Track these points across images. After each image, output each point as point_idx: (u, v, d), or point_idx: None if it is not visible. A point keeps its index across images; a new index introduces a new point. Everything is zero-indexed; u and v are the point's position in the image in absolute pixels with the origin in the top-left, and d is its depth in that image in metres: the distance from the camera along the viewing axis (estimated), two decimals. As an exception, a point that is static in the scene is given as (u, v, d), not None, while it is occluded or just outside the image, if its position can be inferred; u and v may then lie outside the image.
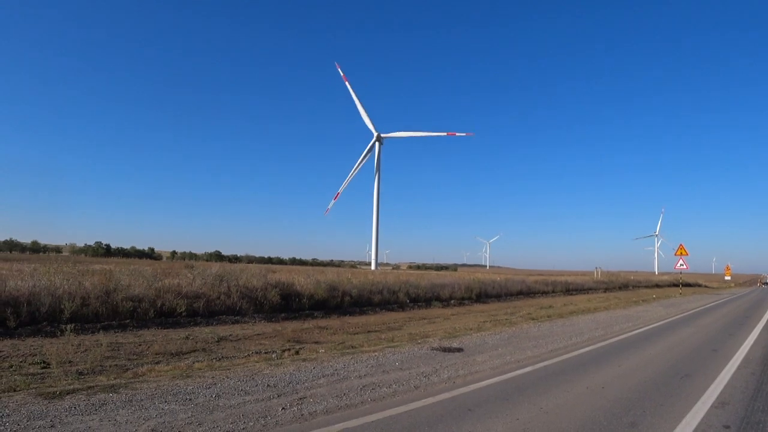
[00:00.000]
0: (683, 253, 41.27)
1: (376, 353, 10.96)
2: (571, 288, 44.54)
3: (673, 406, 7.17)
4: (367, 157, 76.20)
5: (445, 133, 76.20)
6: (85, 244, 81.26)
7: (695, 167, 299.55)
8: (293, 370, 8.90)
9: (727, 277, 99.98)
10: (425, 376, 8.77)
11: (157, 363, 9.31)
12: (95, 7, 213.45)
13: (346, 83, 76.62)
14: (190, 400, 6.81)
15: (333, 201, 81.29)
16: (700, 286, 79.68)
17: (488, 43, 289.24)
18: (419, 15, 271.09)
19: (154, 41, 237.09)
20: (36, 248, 78.10)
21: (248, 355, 10.46)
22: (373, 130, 75.16)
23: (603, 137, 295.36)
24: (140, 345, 11.11)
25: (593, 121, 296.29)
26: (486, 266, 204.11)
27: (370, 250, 79.48)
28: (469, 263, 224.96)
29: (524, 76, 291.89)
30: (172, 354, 10.34)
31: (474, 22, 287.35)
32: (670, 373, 9.58)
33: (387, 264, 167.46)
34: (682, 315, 23.84)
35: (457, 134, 76.95)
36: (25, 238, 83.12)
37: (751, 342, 14.34)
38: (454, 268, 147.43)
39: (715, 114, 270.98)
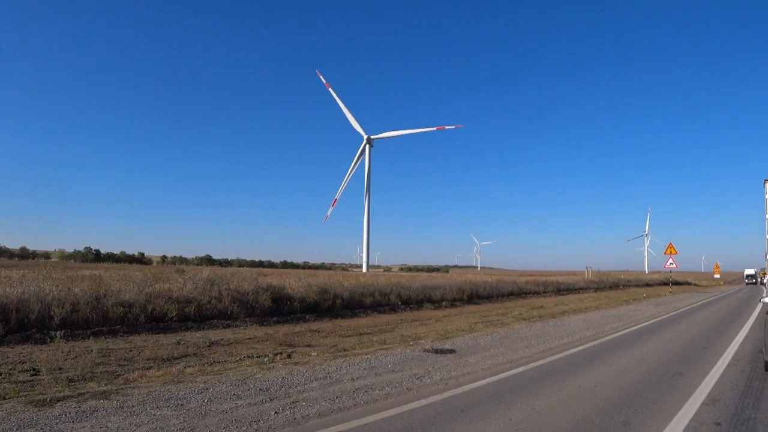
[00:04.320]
0: (673, 251, 41.54)
1: (368, 356, 10.95)
2: (562, 288, 44.74)
3: (665, 404, 7.22)
4: (359, 161, 76.15)
5: (434, 128, 75.85)
6: (75, 250, 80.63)
7: (684, 166, 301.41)
8: (285, 374, 8.87)
9: (717, 275, 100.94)
10: (418, 378, 8.78)
11: (149, 368, 9.25)
12: (81, 6, 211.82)
13: (330, 90, 76.27)
14: (182, 405, 6.77)
15: (331, 207, 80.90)
16: (689, 284, 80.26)
17: (477, 43, 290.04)
18: (411, 15, 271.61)
19: (142, 45, 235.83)
20: (25, 254, 77.16)
21: (240, 359, 10.41)
22: (363, 133, 75.07)
23: (592, 137, 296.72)
24: (131, 351, 11.04)
25: (582, 121, 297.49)
26: (477, 267, 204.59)
27: (362, 252, 79.49)
28: (460, 264, 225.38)
29: (514, 76, 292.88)
30: (164, 359, 10.29)
31: (463, 22, 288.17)
32: (662, 372, 9.65)
33: (378, 266, 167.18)
34: (672, 313, 24.00)
35: (447, 127, 76.65)
36: (14, 245, 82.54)
37: (741, 339, 14.46)
38: (446, 269, 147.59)
39: (702, 113, 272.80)
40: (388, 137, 75.90)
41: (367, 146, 75.05)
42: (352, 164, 76.40)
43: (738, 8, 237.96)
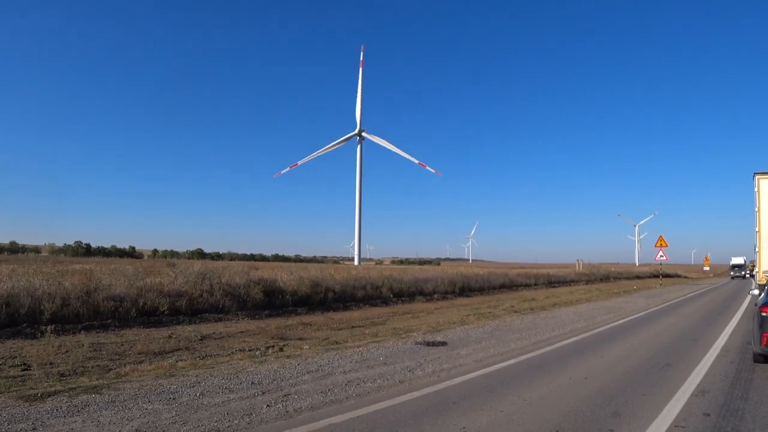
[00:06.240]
0: (663, 244, 41.83)
1: (360, 348, 10.97)
2: (553, 280, 44.99)
3: (655, 395, 7.28)
4: (340, 145, 75.88)
5: (417, 161, 76.92)
6: (65, 244, 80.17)
7: (674, 158, 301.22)
8: (277, 367, 8.88)
9: (706, 268, 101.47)
10: (409, 371, 8.80)
11: (140, 363, 9.23)
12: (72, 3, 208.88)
13: (360, 69, 75.80)
14: (174, 399, 6.76)
15: (288, 168, 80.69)
16: (679, 276, 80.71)
17: (468, 37, 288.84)
18: (405, 10, 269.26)
19: (132, 40, 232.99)
20: (14, 249, 76.72)
21: (232, 352, 10.41)
22: (358, 124, 74.69)
23: (580, 130, 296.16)
24: (122, 345, 11.01)
25: (570, 114, 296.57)
26: (469, 260, 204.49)
27: (354, 245, 79.56)
28: (452, 257, 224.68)
29: (505, 69, 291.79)
30: (155, 353, 10.26)
31: (452, 18, 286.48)
32: (652, 363, 9.72)
33: (370, 259, 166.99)
34: (662, 305, 24.18)
35: (426, 167, 78.19)
36: (3, 239, 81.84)
37: (730, 331, 14.59)
38: (438, 262, 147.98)
39: (692, 106, 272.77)
40: (377, 142, 75.63)
41: (358, 140, 74.74)
42: (333, 144, 76.01)
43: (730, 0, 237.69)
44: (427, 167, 78.20)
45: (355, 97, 75.35)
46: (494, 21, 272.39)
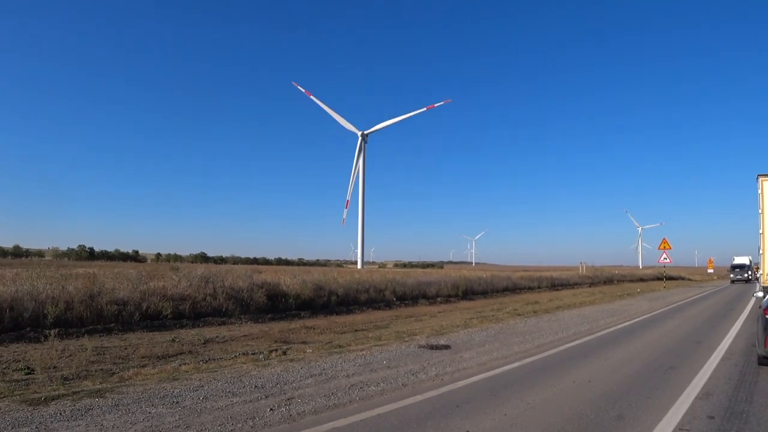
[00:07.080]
0: (666, 247, 41.80)
1: (363, 352, 10.96)
2: (556, 283, 44.84)
3: (659, 398, 7.26)
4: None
5: (425, 108, 74.51)
6: (69, 248, 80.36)
7: (676, 160, 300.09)
8: (281, 371, 8.88)
9: (710, 270, 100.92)
10: (413, 374, 8.80)
11: (144, 366, 9.24)
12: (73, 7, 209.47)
13: (311, 98, 74.31)
14: (177, 403, 6.77)
15: (345, 210, 79.40)
16: (683, 279, 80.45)
17: (468, 37, 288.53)
18: (405, 10, 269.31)
19: (133, 42, 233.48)
20: (18, 253, 76.76)
21: (235, 356, 10.41)
22: (356, 131, 74.28)
23: (585, 132, 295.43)
24: (126, 348, 11.02)
25: (574, 117, 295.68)
26: (472, 263, 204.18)
27: (356, 249, 79.27)
28: (455, 260, 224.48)
29: (506, 69, 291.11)
30: (159, 357, 10.27)
31: (458, 15, 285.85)
32: (655, 366, 9.70)
33: (373, 262, 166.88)
34: (666, 308, 24.13)
35: (436, 105, 75.23)
36: (7, 243, 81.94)
37: (734, 334, 14.55)
38: (441, 265, 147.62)
39: (694, 107, 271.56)
40: (381, 128, 74.78)
41: (363, 143, 74.67)
42: (354, 164, 75.46)
43: (736, 1, 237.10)
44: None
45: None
46: (495, 21, 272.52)
